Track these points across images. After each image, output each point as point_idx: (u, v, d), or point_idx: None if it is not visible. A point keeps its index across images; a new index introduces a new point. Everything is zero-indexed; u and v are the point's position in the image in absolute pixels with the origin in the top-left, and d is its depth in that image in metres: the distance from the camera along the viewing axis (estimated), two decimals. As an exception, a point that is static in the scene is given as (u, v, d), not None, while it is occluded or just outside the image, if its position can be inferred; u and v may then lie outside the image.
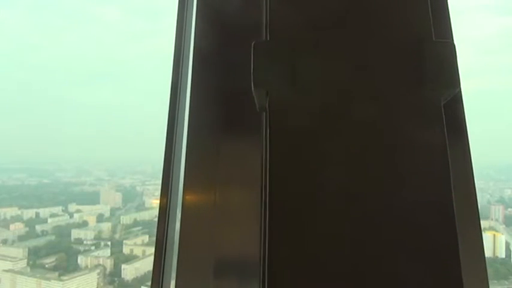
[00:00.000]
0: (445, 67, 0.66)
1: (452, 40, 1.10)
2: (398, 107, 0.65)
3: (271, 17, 0.70)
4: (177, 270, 0.95)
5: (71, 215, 14.20)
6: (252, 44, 0.68)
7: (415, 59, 0.66)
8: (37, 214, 13.99)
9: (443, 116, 0.64)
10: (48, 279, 11.87)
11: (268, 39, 0.70)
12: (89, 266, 12.39)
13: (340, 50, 0.67)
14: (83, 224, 14.00)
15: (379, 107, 0.65)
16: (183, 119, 1.30)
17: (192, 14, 1.36)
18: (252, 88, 0.66)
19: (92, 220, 14.02)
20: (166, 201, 1.24)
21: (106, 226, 13.83)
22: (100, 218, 14.19)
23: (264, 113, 0.69)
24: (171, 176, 1.27)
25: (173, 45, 1.41)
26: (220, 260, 0.97)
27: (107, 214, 14.39)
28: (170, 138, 1.31)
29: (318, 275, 0.57)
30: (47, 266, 12.42)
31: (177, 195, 1.25)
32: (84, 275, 12.12)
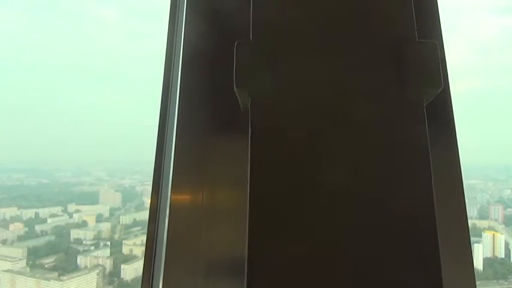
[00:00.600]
0: (427, 67, 0.66)
1: (441, 40, 1.10)
2: (381, 107, 0.65)
3: (254, 17, 0.70)
4: (164, 270, 0.95)
5: (71, 215, 14.19)
6: (235, 44, 0.68)
7: (398, 59, 0.66)
8: (36, 214, 13.98)
9: (425, 115, 0.64)
10: (48, 279, 11.85)
11: (252, 39, 0.70)
12: (89, 266, 12.37)
13: (323, 51, 0.67)
14: (83, 224, 13.99)
15: (361, 107, 0.65)
16: (174, 119, 1.30)
17: (183, 15, 1.36)
18: (235, 88, 0.66)
19: (91, 220, 14.01)
20: (157, 201, 1.24)
21: (105, 226, 13.81)
22: (99, 218, 14.18)
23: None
24: (162, 176, 1.27)
25: (165, 45, 1.41)
26: (208, 260, 0.97)
27: (107, 214, 14.37)
28: (161, 139, 1.32)
29: (297, 274, 0.57)
30: (46, 266, 12.40)
31: (168, 195, 1.25)
32: (83, 275, 12.11)
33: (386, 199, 0.60)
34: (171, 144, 1.31)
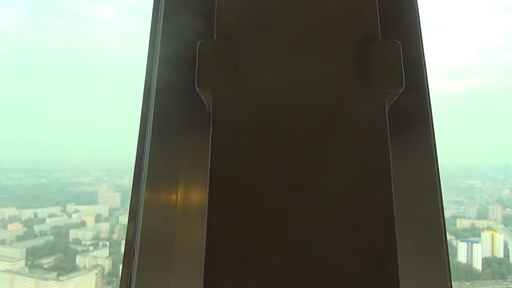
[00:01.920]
0: (389, 66, 0.66)
1: (421, 40, 1.09)
2: (342, 106, 0.64)
3: (218, 16, 0.70)
4: (137, 269, 0.95)
5: (69, 215, 14.20)
6: (198, 44, 0.67)
7: (361, 59, 0.66)
8: (35, 214, 13.99)
9: (387, 115, 0.64)
10: (47, 279, 11.86)
11: (215, 38, 0.69)
12: (87, 266, 12.38)
13: (285, 51, 0.67)
14: (81, 224, 14.01)
15: (323, 107, 0.65)
16: (151, 119, 1.30)
17: (162, 13, 1.36)
18: (196, 88, 0.66)
19: (90, 220, 14.02)
20: (137, 200, 1.24)
21: (104, 226, 13.83)
22: (98, 218, 14.19)
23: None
24: (142, 175, 1.27)
25: (147, 44, 1.41)
26: (181, 259, 0.97)
27: (105, 214, 14.39)
28: (142, 139, 1.31)
29: (254, 273, 0.57)
30: (45, 266, 12.42)
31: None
32: (82, 275, 12.12)
33: (345, 198, 0.60)
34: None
